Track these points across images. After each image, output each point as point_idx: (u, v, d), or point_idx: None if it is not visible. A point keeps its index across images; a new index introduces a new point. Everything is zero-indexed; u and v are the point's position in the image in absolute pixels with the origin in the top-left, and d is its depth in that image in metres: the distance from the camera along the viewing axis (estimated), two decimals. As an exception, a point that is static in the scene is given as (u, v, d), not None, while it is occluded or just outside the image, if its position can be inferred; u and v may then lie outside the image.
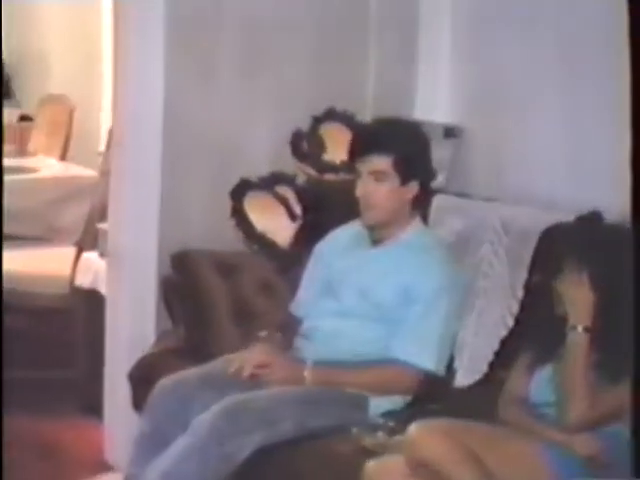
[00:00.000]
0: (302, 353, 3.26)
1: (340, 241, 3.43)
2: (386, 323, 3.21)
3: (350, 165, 3.34)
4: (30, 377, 4.49)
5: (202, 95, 3.80)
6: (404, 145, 3.23)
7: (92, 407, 4.18)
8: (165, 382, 3.20)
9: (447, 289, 3.21)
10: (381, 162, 3.20)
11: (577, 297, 2.78)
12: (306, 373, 3.15)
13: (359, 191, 3.24)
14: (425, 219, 3.49)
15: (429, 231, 3.43)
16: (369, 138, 3.28)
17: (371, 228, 3.32)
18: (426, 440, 2.57)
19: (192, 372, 3.24)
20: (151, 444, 3.10)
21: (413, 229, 3.32)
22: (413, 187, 3.25)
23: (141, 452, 3.13)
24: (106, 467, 3.84)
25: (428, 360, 3.18)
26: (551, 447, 2.65)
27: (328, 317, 3.29)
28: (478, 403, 3.00)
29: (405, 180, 3.22)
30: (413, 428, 2.61)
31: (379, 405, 3.16)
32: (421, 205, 3.35)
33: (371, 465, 2.68)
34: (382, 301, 3.22)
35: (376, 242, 3.34)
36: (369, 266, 3.30)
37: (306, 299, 3.44)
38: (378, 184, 3.21)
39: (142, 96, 3.72)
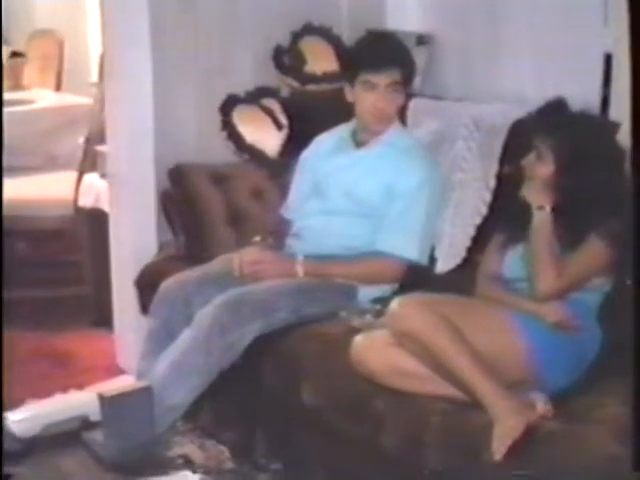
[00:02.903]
0: (293, 251, 3.51)
1: (324, 146, 3.67)
2: (371, 219, 3.45)
3: (335, 76, 3.62)
4: (43, 296, 4.73)
5: (186, 20, 4.01)
6: (406, 58, 3.51)
7: (103, 320, 4.43)
8: (168, 282, 3.46)
9: (426, 184, 3.45)
10: (396, 74, 3.43)
11: (541, 172, 3.00)
12: (297, 267, 3.40)
13: (379, 102, 3.44)
14: (403, 121, 3.74)
15: (408, 132, 3.66)
16: (381, 52, 3.48)
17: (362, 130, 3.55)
18: (406, 311, 2.81)
19: (193, 272, 3.50)
20: (159, 340, 3.36)
21: (393, 131, 3.55)
22: (404, 94, 3.51)
23: (150, 348, 3.39)
24: (119, 371, 4.06)
25: (411, 251, 3.43)
26: (522, 315, 2.89)
27: (316, 216, 3.54)
28: (459, 286, 3.19)
29: (405, 89, 3.49)
30: (394, 302, 2.85)
31: (368, 293, 3.42)
32: (402, 109, 3.59)
33: (358, 338, 2.94)
34: (366, 198, 3.46)
35: (359, 144, 3.57)
36: (353, 167, 3.53)
37: (295, 202, 3.69)
38: (395, 94, 3.45)
39: (128, 23, 3.90)
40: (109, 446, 2.48)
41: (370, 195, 3.46)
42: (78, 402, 2.75)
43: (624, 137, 3.18)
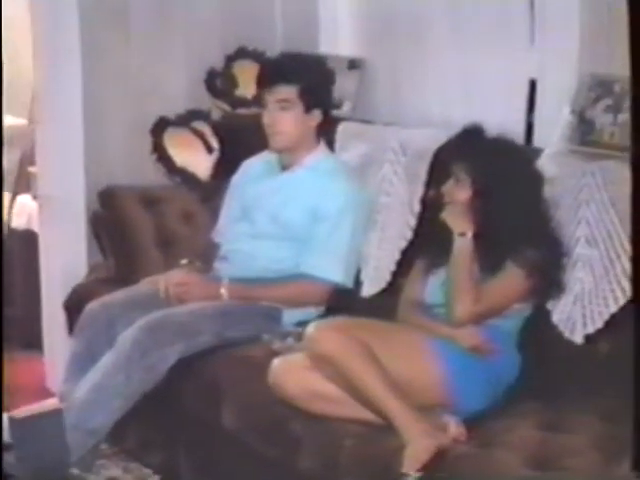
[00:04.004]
0: (221, 274, 3.52)
1: (252, 170, 3.69)
2: (296, 242, 3.46)
3: (260, 98, 3.56)
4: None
5: (117, 41, 4.02)
6: (308, 75, 3.48)
7: (32, 342, 4.39)
8: (93, 305, 3.45)
9: (350, 207, 3.46)
10: (286, 91, 3.44)
11: (459, 197, 3.03)
12: (222, 290, 3.41)
13: (266, 119, 3.48)
14: (331, 145, 3.76)
15: (332, 156, 3.68)
16: (276, 69, 3.52)
17: (279, 153, 3.56)
18: (321, 335, 2.82)
19: (118, 294, 3.50)
20: (81, 362, 3.36)
21: (318, 154, 3.57)
22: (316, 115, 3.50)
23: (72, 370, 3.39)
24: (49, 394, 4.03)
25: (336, 273, 3.45)
26: (438, 340, 2.92)
27: (244, 240, 3.55)
28: (383, 309, 3.23)
29: (309, 108, 3.47)
30: (311, 326, 2.87)
31: (292, 316, 3.43)
32: (324, 132, 3.59)
33: (275, 362, 2.95)
34: (291, 222, 3.48)
35: (285, 168, 3.59)
36: (278, 191, 3.55)
37: (224, 226, 3.70)
38: (283, 112, 3.45)
39: (58, 44, 3.92)
40: (21, 467, 2.49)
41: (294, 219, 3.48)
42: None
43: (547, 163, 3.25)
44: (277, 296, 3.43)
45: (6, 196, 4.75)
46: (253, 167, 3.71)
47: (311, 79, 3.50)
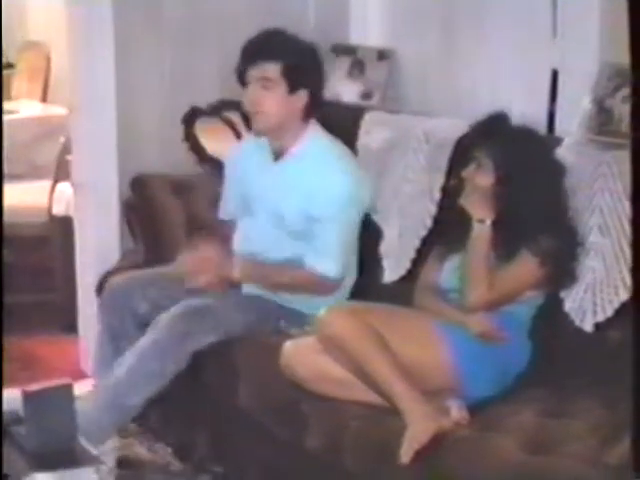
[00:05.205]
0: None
1: (247, 153, 3.58)
2: (299, 238, 3.39)
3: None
4: (17, 301, 4.81)
5: (151, 31, 4.11)
6: (291, 53, 3.34)
7: (71, 325, 4.52)
8: (116, 279, 3.58)
9: (344, 199, 3.33)
10: (269, 69, 3.32)
11: (481, 183, 3.05)
12: (235, 268, 3.40)
13: (247, 97, 3.38)
14: (355, 132, 3.79)
15: (323, 138, 3.46)
16: (257, 45, 3.37)
17: (262, 135, 3.43)
18: (332, 318, 2.88)
19: (140, 272, 3.62)
20: (109, 333, 3.48)
21: (307, 139, 3.41)
22: (302, 96, 3.36)
23: (102, 343, 3.52)
24: (82, 375, 4.15)
25: (333, 269, 3.36)
26: (448, 325, 2.95)
27: (253, 239, 3.49)
28: (403, 296, 3.25)
29: (293, 88, 3.33)
30: (323, 309, 2.93)
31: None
32: (312, 114, 3.42)
33: (287, 344, 3.01)
34: (292, 221, 3.38)
35: (276, 154, 3.46)
36: (274, 185, 3.43)
37: (228, 207, 3.66)
38: (265, 91, 3.33)
39: (93, 35, 4.01)
40: (30, 439, 2.59)
41: (294, 218, 3.38)
42: (9, 398, 2.83)
43: (567, 152, 3.27)
44: (285, 280, 3.40)
45: (47, 184, 4.88)
46: (249, 150, 3.58)
47: (294, 57, 3.34)
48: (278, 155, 3.47)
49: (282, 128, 3.39)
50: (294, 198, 3.37)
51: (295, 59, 3.35)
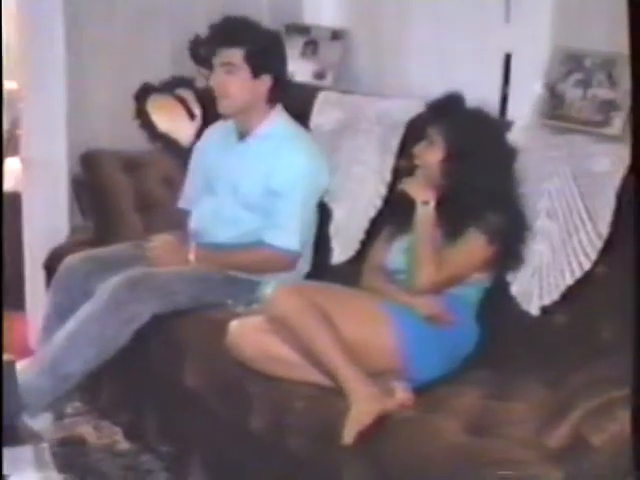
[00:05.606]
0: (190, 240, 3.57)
1: (212, 136, 3.72)
2: (257, 213, 3.47)
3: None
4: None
5: (102, 6, 4.06)
6: (253, 39, 3.46)
7: (17, 302, 4.47)
8: (72, 258, 3.56)
9: (303, 177, 3.46)
10: (232, 54, 3.44)
11: (430, 159, 3.07)
12: (190, 255, 3.46)
13: (212, 82, 3.49)
14: (308, 113, 3.79)
15: (286, 122, 3.59)
16: (220, 32, 3.49)
17: (229, 118, 3.56)
18: (279, 297, 2.87)
19: (97, 251, 3.60)
20: (58, 312, 3.45)
21: (270, 122, 3.53)
22: (266, 80, 3.47)
23: (49, 321, 3.50)
24: (30, 352, 4.13)
25: (293, 243, 3.44)
26: (396, 306, 2.96)
27: (209, 215, 3.56)
28: (352, 277, 3.26)
29: (256, 73, 3.45)
30: (269, 287, 2.92)
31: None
32: (276, 98, 3.54)
33: (233, 323, 3.00)
34: (250, 194, 3.48)
35: (242, 136, 3.57)
36: (236, 162, 3.54)
37: (190, 195, 3.74)
38: (229, 76, 3.45)
39: (43, 13, 3.94)
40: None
41: (252, 191, 3.48)
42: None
43: (518, 135, 3.27)
44: (241, 262, 3.47)
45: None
46: (213, 134, 3.74)
47: (256, 42, 3.46)
48: (243, 136, 3.57)
49: (247, 111, 3.51)
50: (255, 173, 3.47)
51: (257, 45, 3.46)
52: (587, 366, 2.61)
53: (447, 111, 3.12)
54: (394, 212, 3.32)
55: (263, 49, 3.47)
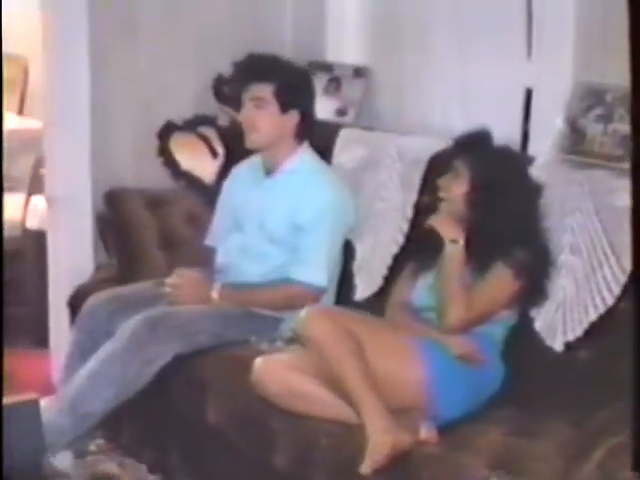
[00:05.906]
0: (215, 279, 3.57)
1: (240, 174, 3.75)
2: (284, 249, 3.49)
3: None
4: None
5: (126, 45, 4.09)
6: (283, 75, 3.51)
7: (43, 340, 4.49)
8: (95, 297, 3.58)
9: (328, 213, 3.47)
10: (261, 89, 3.49)
11: (456, 192, 3.07)
12: (214, 293, 3.47)
13: (242, 117, 3.54)
14: (330, 150, 3.81)
15: (313, 158, 3.64)
16: (249, 67, 3.56)
17: (257, 152, 3.60)
18: (312, 319, 2.87)
19: (120, 289, 3.62)
20: (80, 353, 3.46)
21: (297, 158, 3.57)
22: (294, 116, 3.51)
23: (71, 360, 3.50)
24: (54, 390, 4.14)
25: (319, 278, 3.46)
26: (428, 343, 2.94)
27: (236, 251, 3.58)
28: (375, 313, 3.22)
29: (285, 108, 3.50)
30: (304, 310, 2.92)
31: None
32: (303, 134, 3.58)
33: (258, 360, 3.00)
34: (276, 230, 3.50)
35: (269, 172, 3.60)
36: (263, 199, 3.57)
37: (217, 233, 3.75)
38: (258, 110, 3.49)
39: (68, 47, 3.97)
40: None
41: (279, 226, 3.50)
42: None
43: (539, 171, 3.28)
44: (266, 300, 3.47)
45: (21, 197, 4.86)
46: (241, 172, 3.77)
47: (285, 78, 3.51)
48: (270, 172, 3.61)
49: (275, 146, 3.55)
50: (281, 208, 3.50)
51: (287, 81, 3.51)
52: (611, 403, 2.61)
53: (474, 146, 3.14)
54: (417, 249, 3.32)
55: (292, 85, 3.52)
